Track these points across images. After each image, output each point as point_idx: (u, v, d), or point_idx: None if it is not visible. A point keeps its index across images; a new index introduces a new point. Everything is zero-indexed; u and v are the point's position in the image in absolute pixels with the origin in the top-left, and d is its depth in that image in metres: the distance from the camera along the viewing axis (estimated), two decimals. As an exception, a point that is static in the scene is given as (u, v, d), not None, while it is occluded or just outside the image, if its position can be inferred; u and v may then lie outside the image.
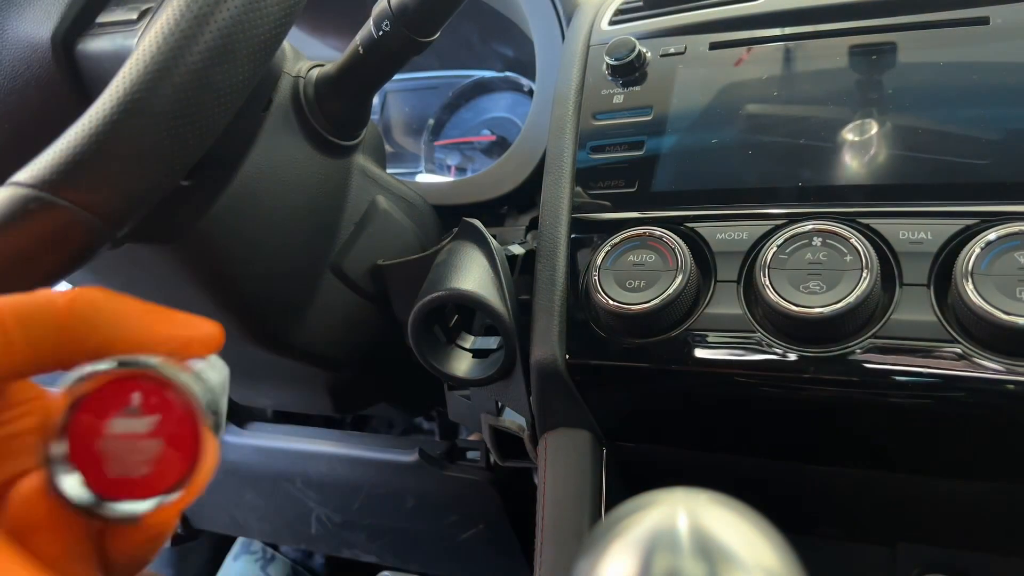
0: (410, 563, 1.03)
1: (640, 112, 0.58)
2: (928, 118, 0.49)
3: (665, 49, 0.59)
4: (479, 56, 0.96)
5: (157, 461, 0.27)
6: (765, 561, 0.25)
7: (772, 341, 0.46)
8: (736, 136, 0.54)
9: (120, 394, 0.27)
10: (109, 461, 0.26)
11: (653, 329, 0.49)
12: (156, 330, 0.28)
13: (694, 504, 0.26)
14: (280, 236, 0.54)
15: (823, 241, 0.46)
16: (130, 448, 0.27)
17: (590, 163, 0.58)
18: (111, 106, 0.36)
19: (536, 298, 0.55)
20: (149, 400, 0.27)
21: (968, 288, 0.41)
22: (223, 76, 0.37)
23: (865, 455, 0.51)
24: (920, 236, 0.45)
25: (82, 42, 0.48)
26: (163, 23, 0.37)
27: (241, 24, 0.37)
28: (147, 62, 0.36)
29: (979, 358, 0.42)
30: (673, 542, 0.25)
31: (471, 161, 0.93)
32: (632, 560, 0.25)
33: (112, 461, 0.26)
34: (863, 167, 0.49)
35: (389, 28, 0.49)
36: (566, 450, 0.55)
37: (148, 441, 0.27)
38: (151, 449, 0.27)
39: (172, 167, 0.38)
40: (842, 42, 0.54)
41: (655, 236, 0.50)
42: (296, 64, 0.54)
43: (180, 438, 0.27)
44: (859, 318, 0.44)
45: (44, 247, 0.36)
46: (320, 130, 0.54)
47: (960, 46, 0.51)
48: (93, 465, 0.26)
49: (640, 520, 0.26)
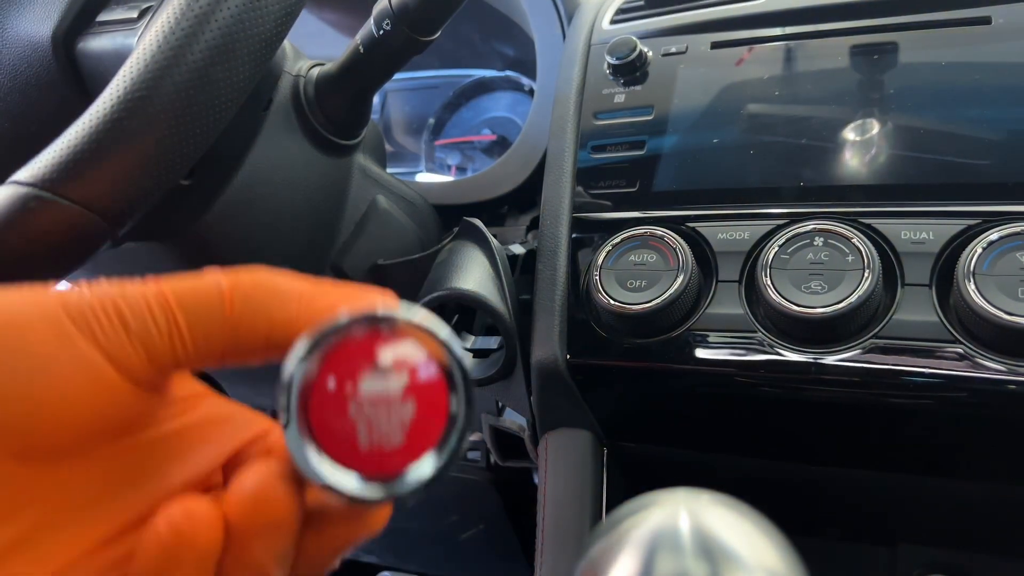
0: (410, 563, 1.03)
1: (641, 112, 0.57)
2: (930, 118, 0.49)
3: (666, 48, 0.59)
4: (480, 55, 0.96)
5: (412, 425, 0.23)
6: (767, 561, 0.25)
7: (774, 341, 0.46)
8: (737, 136, 0.54)
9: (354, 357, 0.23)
10: (363, 429, 0.23)
11: (654, 329, 0.49)
12: (324, 307, 0.26)
13: (696, 504, 0.26)
14: (280, 235, 0.54)
15: (825, 241, 0.46)
16: (384, 412, 0.23)
17: (591, 163, 0.58)
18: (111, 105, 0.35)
19: (537, 298, 0.55)
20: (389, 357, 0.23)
21: (970, 288, 0.41)
22: (223, 75, 0.37)
23: (867, 455, 0.51)
24: (922, 236, 0.45)
25: (83, 41, 0.48)
26: (163, 22, 0.36)
27: (242, 23, 0.37)
28: (148, 61, 0.36)
29: (981, 358, 0.42)
30: (675, 542, 0.25)
31: (471, 161, 0.93)
32: (634, 560, 0.25)
33: (366, 429, 0.23)
34: (865, 167, 0.49)
35: (390, 27, 0.49)
36: (567, 450, 0.55)
37: (401, 404, 0.23)
38: (406, 412, 0.23)
39: (172, 166, 0.38)
40: (843, 42, 0.54)
41: (656, 236, 0.50)
42: (296, 63, 0.54)
43: (432, 395, 0.24)
44: (861, 318, 0.44)
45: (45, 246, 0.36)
46: (320, 129, 0.54)
47: (962, 46, 0.51)
48: (343, 442, 0.23)
49: (642, 520, 0.26)
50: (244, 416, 0.29)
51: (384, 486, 0.24)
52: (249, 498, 0.24)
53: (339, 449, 0.24)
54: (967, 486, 0.50)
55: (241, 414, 0.29)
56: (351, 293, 0.27)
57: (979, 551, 0.55)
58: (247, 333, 0.26)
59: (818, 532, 0.59)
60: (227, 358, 0.26)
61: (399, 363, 0.23)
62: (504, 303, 0.54)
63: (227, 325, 0.25)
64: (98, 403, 0.24)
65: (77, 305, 0.24)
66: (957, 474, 0.49)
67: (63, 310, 0.24)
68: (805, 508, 0.58)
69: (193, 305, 0.25)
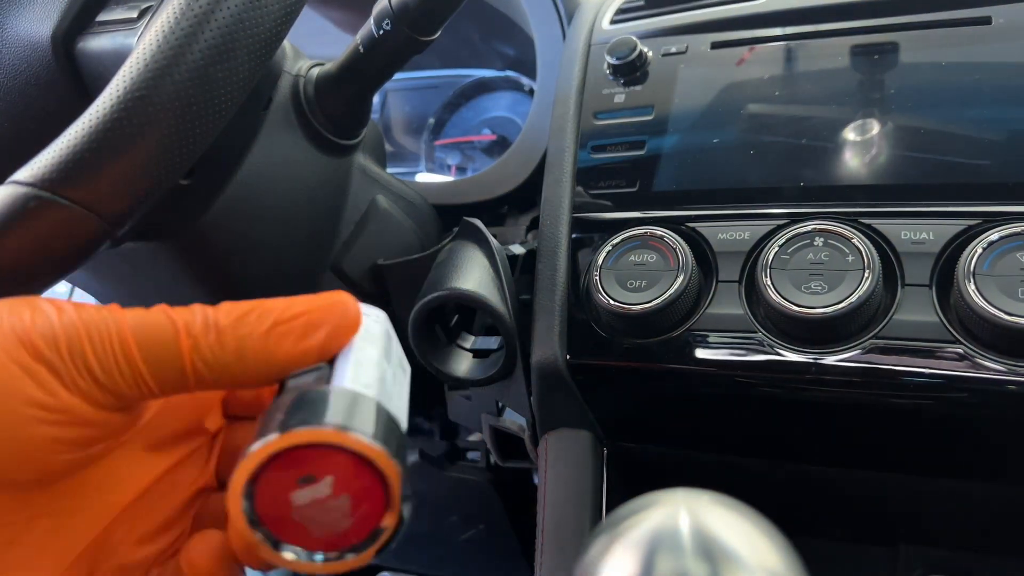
0: (409, 563, 1.03)
1: (641, 112, 0.57)
2: (930, 118, 0.49)
3: (667, 48, 0.59)
4: (480, 55, 0.96)
5: (354, 511, 0.26)
6: (767, 562, 0.25)
7: (774, 341, 0.46)
8: (738, 136, 0.53)
9: (288, 467, 0.26)
10: (312, 526, 0.26)
11: (654, 329, 0.49)
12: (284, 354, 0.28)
13: (696, 505, 0.26)
14: (280, 235, 0.54)
15: (825, 241, 0.46)
16: (323, 511, 0.26)
17: (591, 163, 0.58)
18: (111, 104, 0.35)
19: (537, 298, 0.55)
20: (319, 465, 0.26)
21: (970, 288, 0.41)
22: (223, 75, 0.37)
23: (867, 456, 0.51)
24: (922, 236, 0.45)
25: (82, 41, 0.48)
26: (163, 21, 0.36)
27: (242, 22, 0.37)
28: (147, 60, 0.36)
29: (981, 359, 0.42)
30: (675, 543, 0.25)
31: (471, 160, 0.93)
32: (634, 561, 0.25)
33: (315, 525, 0.26)
34: (865, 167, 0.49)
35: (390, 27, 0.49)
36: (567, 450, 0.55)
37: (336, 500, 0.26)
38: (343, 505, 0.26)
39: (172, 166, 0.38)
40: (844, 42, 0.54)
41: (656, 236, 0.50)
42: (296, 63, 0.54)
43: (364, 487, 0.26)
44: (861, 318, 0.44)
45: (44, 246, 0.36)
46: (320, 129, 0.54)
47: (962, 46, 0.51)
48: (299, 534, 0.26)
49: (642, 521, 0.26)
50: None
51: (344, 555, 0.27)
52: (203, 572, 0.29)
53: (298, 541, 0.27)
54: (968, 486, 0.50)
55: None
56: (306, 326, 0.29)
57: (980, 551, 0.55)
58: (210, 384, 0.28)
59: (818, 532, 0.59)
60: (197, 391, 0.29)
61: (320, 466, 0.26)
62: (504, 303, 0.54)
63: (190, 378, 0.28)
64: (77, 432, 0.27)
65: (48, 354, 0.26)
66: (958, 474, 0.49)
67: (37, 358, 0.26)
68: (805, 508, 0.58)
69: (156, 359, 0.28)
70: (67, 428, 0.27)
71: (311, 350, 0.29)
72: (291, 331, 0.28)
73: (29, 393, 0.26)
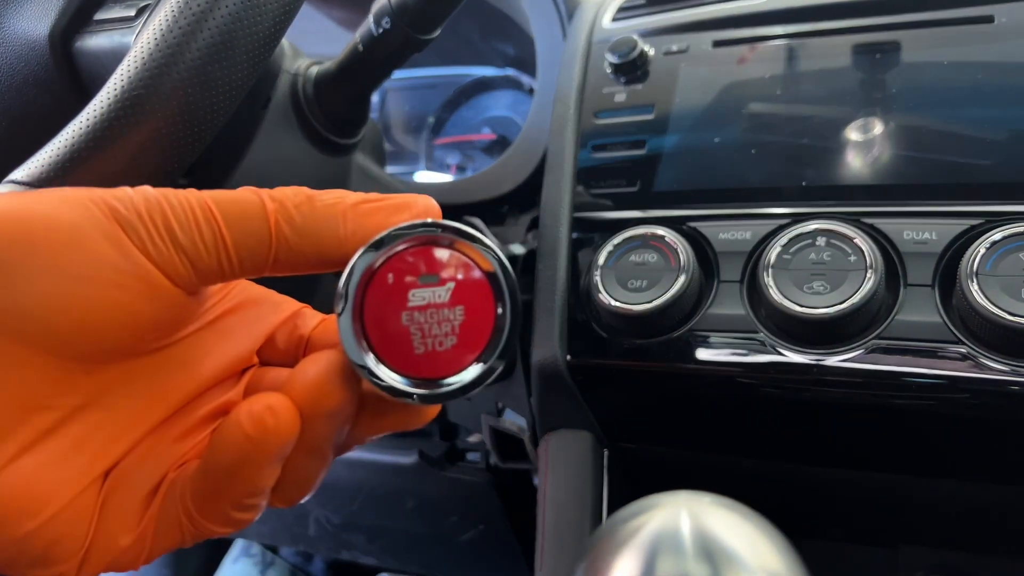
0: (409, 565, 1.02)
1: (642, 111, 0.57)
2: (932, 117, 0.49)
3: (668, 47, 0.59)
4: (480, 54, 0.96)
5: (462, 329, 0.25)
6: (768, 563, 0.25)
7: (775, 342, 0.46)
8: (739, 135, 0.53)
9: (410, 262, 0.25)
10: (413, 337, 0.25)
11: (655, 329, 0.49)
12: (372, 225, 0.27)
13: (697, 506, 0.26)
14: None
15: (827, 241, 0.45)
16: (434, 320, 0.25)
17: (591, 162, 0.57)
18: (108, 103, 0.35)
19: (537, 298, 0.55)
20: (443, 267, 0.25)
21: (973, 289, 0.41)
22: (222, 73, 0.37)
23: (868, 456, 0.51)
24: (925, 236, 0.45)
25: (80, 39, 0.47)
26: (161, 20, 0.36)
27: (240, 21, 0.37)
28: (145, 59, 0.36)
29: (984, 359, 0.41)
30: (676, 545, 0.25)
31: (471, 160, 0.93)
32: (635, 563, 0.25)
33: (419, 337, 0.25)
34: (867, 167, 0.49)
35: (389, 25, 0.49)
36: (567, 451, 0.55)
37: (451, 309, 0.25)
38: (455, 318, 0.25)
39: (170, 165, 0.37)
40: (846, 41, 0.54)
41: (657, 236, 0.50)
42: (295, 62, 0.54)
43: (480, 300, 0.25)
44: (863, 319, 0.44)
45: None
46: (319, 128, 0.54)
47: (964, 45, 0.50)
48: (398, 344, 0.25)
49: (643, 523, 0.26)
50: (274, 300, 0.32)
51: (432, 387, 0.26)
52: (312, 388, 0.26)
53: (390, 350, 0.25)
54: (969, 487, 0.50)
55: (270, 298, 0.32)
56: (395, 206, 0.28)
57: (981, 552, 0.55)
58: (294, 255, 0.27)
59: (819, 534, 0.59)
60: (273, 273, 0.27)
61: (450, 268, 0.25)
62: (504, 303, 0.54)
63: (272, 245, 0.26)
64: (146, 307, 0.25)
65: (126, 212, 0.25)
66: (959, 475, 0.49)
67: (112, 216, 0.24)
68: (807, 510, 0.58)
69: (239, 224, 0.26)
70: (139, 299, 0.25)
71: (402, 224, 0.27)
72: (381, 208, 0.27)
73: (103, 252, 0.24)
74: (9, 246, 0.23)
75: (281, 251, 0.27)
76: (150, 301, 0.25)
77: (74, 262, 0.24)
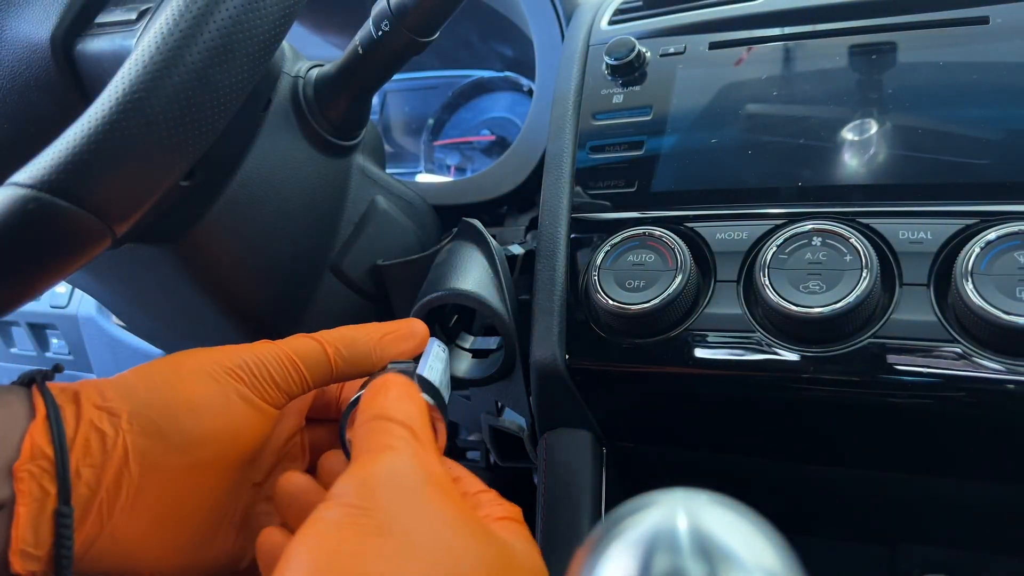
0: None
1: (640, 112, 0.58)
2: (928, 118, 0.49)
3: (665, 49, 0.59)
4: (479, 56, 0.96)
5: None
6: (765, 562, 0.25)
7: (772, 341, 0.46)
8: (736, 136, 0.54)
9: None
10: None
11: (653, 329, 0.49)
12: (384, 354, 0.47)
13: (694, 505, 0.26)
14: (279, 236, 0.54)
15: (823, 241, 0.46)
16: None
17: (590, 163, 0.58)
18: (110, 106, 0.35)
19: (536, 298, 0.55)
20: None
21: (968, 288, 0.41)
22: (222, 76, 0.37)
23: (865, 455, 0.51)
24: (920, 236, 0.45)
25: (81, 42, 0.48)
26: (162, 23, 0.36)
27: (240, 24, 0.37)
28: (146, 62, 0.36)
29: (979, 358, 0.42)
30: (673, 543, 0.25)
31: (471, 161, 0.93)
32: (632, 561, 0.25)
33: None
34: (863, 167, 0.49)
35: (389, 28, 0.49)
36: (566, 450, 0.55)
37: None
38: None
39: (171, 167, 0.38)
40: (842, 42, 0.54)
41: (655, 236, 0.50)
42: (295, 64, 0.54)
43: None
44: (859, 318, 0.44)
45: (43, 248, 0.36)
46: (319, 130, 0.54)
47: (960, 46, 0.51)
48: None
49: (640, 521, 0.26)
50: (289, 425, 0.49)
51: None
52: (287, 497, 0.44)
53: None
54: (967, 486, 0.50)
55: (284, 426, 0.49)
56: (405, 336, 0.48)
57: (979, 551, 0.55)
58: (344, 375, 0.46)
59: (817, 532, 0.59)
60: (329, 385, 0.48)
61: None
62: (503, 303, 0.54)
63: (333, 374, 0.46)
64: (261, 425, 0.43)
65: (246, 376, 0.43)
66: (956, 474, 0.49)
67: (238, 379, 0.42)
68: (804, 508, 0.59)
69: (314, 367, 0.45)
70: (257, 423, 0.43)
71: (408, 351, 0.48)
72: (395, 339, 0.48)
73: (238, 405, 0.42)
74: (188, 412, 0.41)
75: (337, 376, 0.45)
76: (262, 422, 0.43)
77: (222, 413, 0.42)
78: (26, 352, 1.22)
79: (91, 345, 1.12)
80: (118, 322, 1.06)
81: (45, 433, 0.36)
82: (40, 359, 1.21)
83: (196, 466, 0.41)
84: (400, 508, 0.33)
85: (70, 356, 1.17)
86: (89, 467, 0.38)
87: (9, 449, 0.36)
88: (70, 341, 1.16)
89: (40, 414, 0.37)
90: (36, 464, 0.36)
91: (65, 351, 1.17)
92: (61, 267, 0.37)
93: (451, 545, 0.33)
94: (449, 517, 0.34)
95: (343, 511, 0.33)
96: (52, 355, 1.20)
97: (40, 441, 0.36)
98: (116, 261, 0.54)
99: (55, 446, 0.36)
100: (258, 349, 0.43)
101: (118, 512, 0.39)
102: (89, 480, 0.38)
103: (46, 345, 1.21)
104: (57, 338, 1.19)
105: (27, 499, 0.35)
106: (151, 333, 0.73)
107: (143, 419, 0.39)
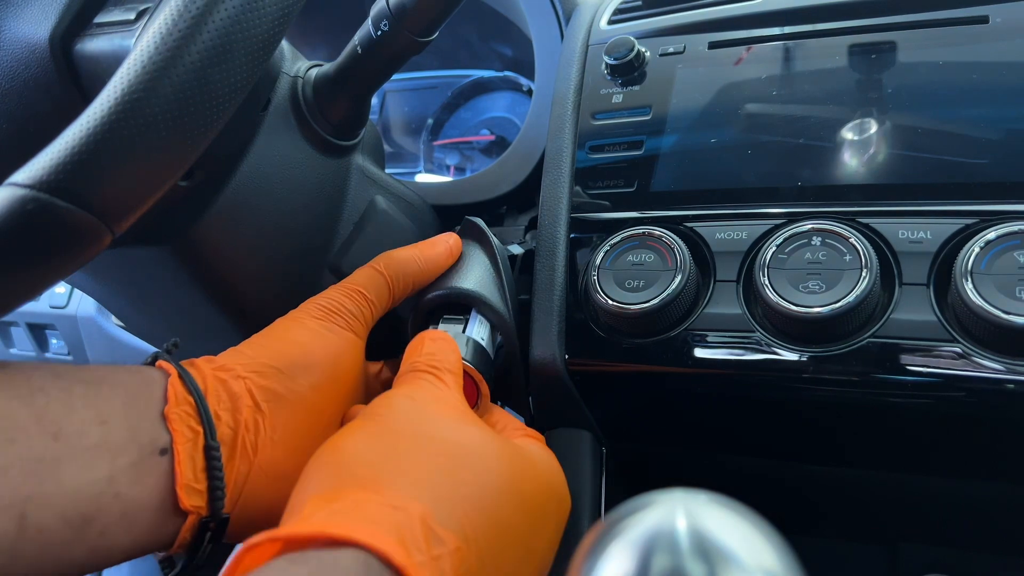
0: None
1: (639, 112, 0.58)
2: (927, 117, 0.49)
3: (664, 48, 0.59)
4: (478, 56, 0.96)
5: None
6: (764, 562, 0.25)
7: (771, 341, 0.46)
8: (735, 136, 0.54)
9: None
10: None
11: (652, 329, 0.49)
12: (428, 263, 0.54)
13: (693, 505, 0.26)
14: (279, 236, 0.54)
15: (822, 241, 0.46)
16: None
17: (589, 163, 0.58)
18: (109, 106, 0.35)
19: (535, 298, 0.55)
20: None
21: (968, 287, 0.41)
22: (221, 76, 0.37)
23: (865, 455, 0.51)
24: (919, 235, 0.45)
25: (80, 43, 0.47)
26: (161, 23, 0.36)
27: (239, 24, 0.37)
28: (145, 62, 0.36)
29: (979, 357, 0.42)
30: (672, 543, 0.25)
31: (470, 161, 0.93)
32: (631, 561, 0.25)
33: None
34: (862, 166, 0.49)
35: (388, 28, 0.49)
36: (565, 450, 0.55)
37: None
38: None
39: (170, 167, 0.38)
40: (841, 41, 0.54)
41: (654, 236, 0.50)
42: (295, 64, 0.54)
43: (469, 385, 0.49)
44: (858, 318, 0.44)
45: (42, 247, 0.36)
46: (319, 130, 0.54)
47: (959, 45, 0.51)
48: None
49: (639, 521, 0.26)
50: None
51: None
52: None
53: None
54: (967, 486, 0.50)
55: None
56: (433, 242, 0.56)
57: (979, 551, 0.55)
58: (398, 296, 0.53)
59: (817, 532, 0.59)
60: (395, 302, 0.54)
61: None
62: (504, 302, 0.54)
63: (391, 296, 0.53)
64: (354, 352, 0.50)
65: (324, 310, 0.50)
66: (956, 473, 0.49)
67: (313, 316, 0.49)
68: (804, 508, 0.59)
69: (377, 293, 0.52)
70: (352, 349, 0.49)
71: (444, 251, 0.55)
72: (429, 243, 0.55)
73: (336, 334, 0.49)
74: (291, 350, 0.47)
75: (395, 296, 0.53)
76: (353, 347, 0.50)
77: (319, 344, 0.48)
78: (25, 352, 1.22)
79: (90, 345, 1.12)
80: (117, 322, 1.06)
81: (181, 385, 0.42)
82: (39, 359, 1.21)
83: (314, 389, 0.46)
84: (409, 415, 0.40)
85: (69, 356, 1.17)
86: (225, 411, 0.43)
87: (156, 400, 0.41)
88: (69, 341, 1.16)
89: (173, 372, 0.42)
90: (181, 408, 0.41)
91: (64, 351, 1.17)
92: (60, 267, 0.37)
93: (459, 440, 0.39)
94: (455, 420, 0.41)
95: (357, 420, 0.40)
96: (51, 355, 1.19)
97: (180, 390, 0.42)
98: (116, 261, 0.54)
99: (192, 393, 0.42)
100: (328, 292, 0.51)
101: (261, 447, 0.44)
102: (228, 421, 0.43)
103: (45, 345, 1.21)
104: (56, 338, 1.18)
105: (181, 438, 0.40)
106: (150, 333, 0.73)
107: (256, 365, 0.45)
